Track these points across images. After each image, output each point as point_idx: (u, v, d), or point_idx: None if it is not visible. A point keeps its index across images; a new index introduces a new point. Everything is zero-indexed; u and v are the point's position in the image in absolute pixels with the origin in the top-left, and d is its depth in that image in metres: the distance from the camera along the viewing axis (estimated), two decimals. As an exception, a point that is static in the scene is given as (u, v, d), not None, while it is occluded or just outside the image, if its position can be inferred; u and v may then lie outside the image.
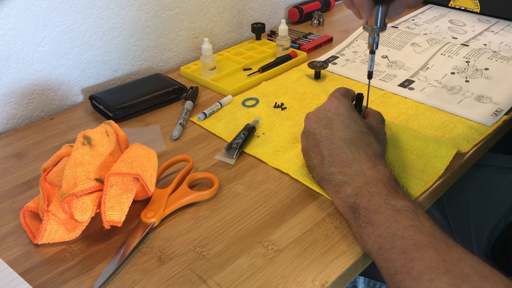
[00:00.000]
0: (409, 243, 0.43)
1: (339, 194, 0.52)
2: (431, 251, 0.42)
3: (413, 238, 0.43)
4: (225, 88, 0.81)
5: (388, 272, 0.44)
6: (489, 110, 0.73)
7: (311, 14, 1.12)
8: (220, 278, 0.46)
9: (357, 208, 0.50)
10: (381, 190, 0.49)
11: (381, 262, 0.45)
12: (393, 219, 0.46)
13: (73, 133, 0.73)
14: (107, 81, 0.87)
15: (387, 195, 0.49)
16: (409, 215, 0.46)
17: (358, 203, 0.50)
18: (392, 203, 0.47)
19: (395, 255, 0.43)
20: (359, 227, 0.49)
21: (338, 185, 0.53)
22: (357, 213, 0.49)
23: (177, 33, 0.94)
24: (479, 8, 1.12)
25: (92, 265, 0.49)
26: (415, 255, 0.42)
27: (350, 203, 0.51)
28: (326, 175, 0.54)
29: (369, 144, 0.54)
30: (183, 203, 0.56)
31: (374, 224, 0.47)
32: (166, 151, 0.67)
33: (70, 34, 0.78)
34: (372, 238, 0.47)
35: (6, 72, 0.73)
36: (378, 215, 0.47)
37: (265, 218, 0.54)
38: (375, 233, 0.46)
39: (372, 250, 0.46)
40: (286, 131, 0.69)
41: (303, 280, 0.46)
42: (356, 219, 0.49)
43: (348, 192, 0.51)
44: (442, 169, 0.60)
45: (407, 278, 0.41)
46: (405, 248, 0.43)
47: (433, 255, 0.41)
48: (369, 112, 0.63)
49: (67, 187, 0.49)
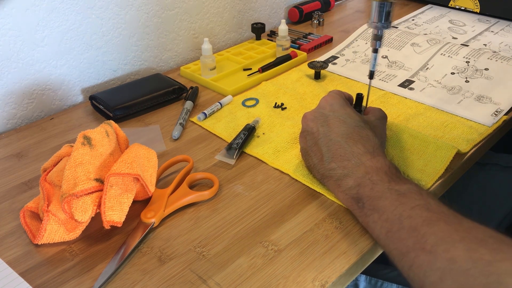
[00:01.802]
0: (418, 221, 0.43)
1: (341, 187, 0.52)
2: (442, 224, 0.42)
3: (421, 216, 0.43)
4: (225, 88, 0.81)
5: (399, 253, 0.43)
6: (489, 110, 0.73)
7: (311, 14, 1.12)
8: (220, 278, 0.46)
9: (361, 198, 0.50)
10: (382, 177, 0.49)
11: (390, 244, 0.45)
12: (398, 202, 0.46)
13: (73, 133, 0.73)
14: (107, 81, 0.87)
15: (389, 181, 0.49)
16: (414, 196, 0.46)
17: (361, 193, 0.50)
18: (395, 188, 0.47)
19: (405, 235, 0.43)
20: (365, 215, 0.49)
21: (339, 179, 0.53)
22: (361, 203, 0.49)
23: (177, 33, 0.94)
24: (479, 8, 1.12)
25: (92, 265, 0.49)
26: (426, 230, 0.42)
27: (352, 194, 0.51)
28: (327, 172, 0.54)
29: (366, 137, 0.54)
30: (183, 203, 0.56)
31: (380, 210, 0.47)
32: (166, 151, 0.67)
33: (70, 34, 0.78)
34: (379, 224, 0.46)
35: (6, 72, 0.73)
36: (383, 201, 0.47)
37: (265, 218, 0.54)
38: (381, 218, 0.46)
39: (380, 235, 0.46)
40: (286, 131, 0.69)
41: (303, 280, 0.46)
42: (361, 208, 0.49)
43: (350, 184, 0.51)
44: (442, 170, 0.60)
45: (421, 254, 0.41)
46: (414, 226, 0.43)
47: (444, 227, 0.41)
48: (370, 109, 0.64)
49: (67, 187, 0.49)
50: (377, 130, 0.58)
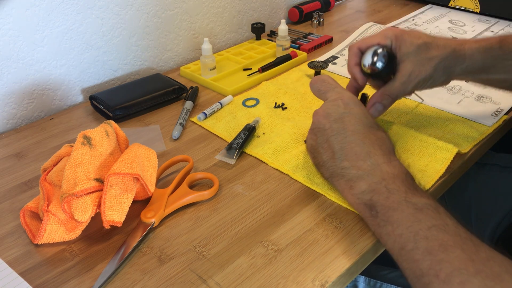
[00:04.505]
0: (434, 244, 0.42)
1: (353, 190, 0.50)
2: (458, 251, 0.40)
3: (438, 238, 0.42)
4: (225, 88, 0.81)
5: (412, 274, 0.42)
6: (489, 110, 0.73)
7: (311, 14, 1.12)
8: (220, 278, 0.46)
9: (374, 205, 0.48)
10: (399, 187, 0.47)
11: (403, 263, 0.44)
12: (414, 217, 0.44)
13: (73, 133, 0.73)
14: (107, 81, 0.87)
15: (406, 192, 0.47)
16: (431, 213, 0.44)
17: (375, 201, 0.48)
18: (412, 201, 0.46)
19: (419, 256, 0.42)
20: (378, 225, 0.47)
21: (351, 180, 0.51)
22: (375, 211, 0.47)
23: (177, 33, 0.94)
24: (479, 8, 1.12)
25: (92, 265, 0.49)
26: (442, 257, 0.40)
27: (366, 200, 0.49)
28: (338, 170, 0.52)
29: (382, 139, 0.53)
30: (183, 203, 0.55)
31: (394, 223, 0.45)
32: (166, 151, 0.67)
33: (70, 34, 0.78)
34: (392, 238, 0.45)
35: (6, 72, 0.73)
36: (398, 213, 0.45)
37: (265, 218, 0.54)
38: (395, 233, 0.45)
39: (393, 250, 0.45)
40: (286, 131, 0.69)
41: (303, 280, 0.46)
42: (374, 217, 0.47)
43: (363, 188, 0.49)
44: (442, 170, 0.60)
45: (435, 281, 0.40)
46: (430, 249, 0.42)
47: (460, 255, 0.40)
48: None
49: (67, 187, 0.49)
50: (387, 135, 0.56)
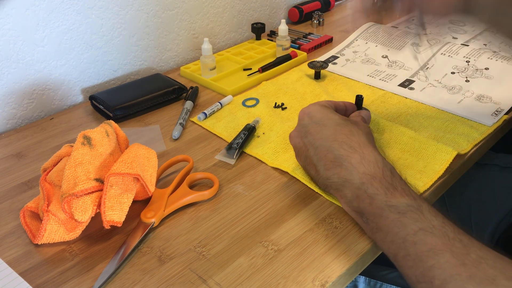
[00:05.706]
0: (423, 249, 0.42)
1: (343, 199, 0.51)
2: (448, 255, 0.41)
3: (426, 243, 0.42)
4: (225, 88, 0.81)
5: (410, 280, 0.43)
6: (489, 110, 0.73)
7: (311, 14, 1.12)
8: (220, 278, 0.46)
9: (363, 213, 0.49)
10: (378, 189, 0.48)
11: (400, 269, 0.44)
12: (400, 223, 0.45)
13: (73, 133, 0.73)
14: (107, 81, 0.87)
15: (386, 194, 0.47)
16: (414, 216, 0.44)
17: (361, 208, 0.49)
18: (394, 204, 0.46)
19: (411, 263, 0.42)
20: (371, 231, 0.48)
21: (338, 189, 0.51)
22: (365, 218, 0.48)
23: (177, 33, 0.94)
24: (479, 8, 1.12)
25: (92, 265, 0.49)
26: (432, 263, 0.41)
27: (355, 208, 0.50)
28: (326, 181, 0.53)
29: (350, 133, 0.53)
30: (183, 203, 0.56)
31: (383, 229, 0.46)
32: (166, 151, 0.67)
33: (70, 34, 0.78)
34: (386, 245, 0.46)
35: (6, 72, 0.73)
36: (384, 220, 0.46)
37: (265, 218, 0.54)
38: (387, 239, 0.45)
39: (389, 255, 0.46)
40: (286, 132, 0.69)
41: (303, 280, 0.46)
42: (366, 223, 0.49)
43: (349, 196, 0.50)
44: (441, 171, 0.60)
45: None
46: (420, 255, 0.42)
47: (451, 260, 0.40)
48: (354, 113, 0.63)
49: (67, 187, 0.49)
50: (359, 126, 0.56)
